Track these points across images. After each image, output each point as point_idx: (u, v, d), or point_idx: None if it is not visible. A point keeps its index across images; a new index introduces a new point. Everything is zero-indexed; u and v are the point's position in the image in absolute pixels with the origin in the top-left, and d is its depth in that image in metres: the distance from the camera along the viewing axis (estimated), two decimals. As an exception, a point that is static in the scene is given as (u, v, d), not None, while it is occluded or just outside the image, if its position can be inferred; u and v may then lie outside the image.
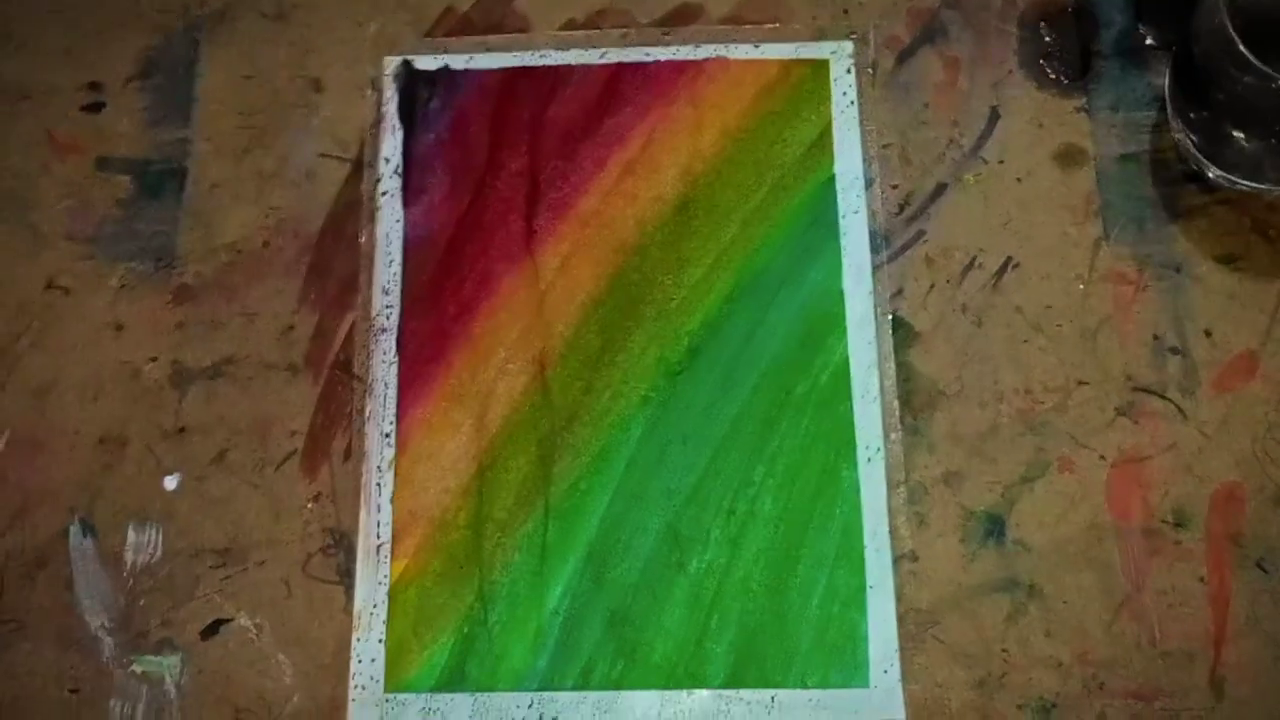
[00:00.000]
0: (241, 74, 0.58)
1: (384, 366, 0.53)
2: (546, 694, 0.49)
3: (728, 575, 0.50)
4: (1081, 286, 0.53)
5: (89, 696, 0.49)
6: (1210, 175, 0.53)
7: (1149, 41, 0.56)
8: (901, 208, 0.55)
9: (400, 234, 0.55)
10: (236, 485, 0.52)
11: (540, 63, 0.57)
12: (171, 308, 0.54)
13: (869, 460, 0.51)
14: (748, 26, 0.58)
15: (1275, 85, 0.46)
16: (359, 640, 0.50)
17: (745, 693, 0.49)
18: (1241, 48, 0.46)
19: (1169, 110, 0.54)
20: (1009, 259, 0.54)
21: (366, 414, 0.52)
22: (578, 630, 0.49)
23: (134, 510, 0.52)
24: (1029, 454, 0.51)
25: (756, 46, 0.57)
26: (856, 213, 0.54)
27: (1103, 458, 0.51)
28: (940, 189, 0.55)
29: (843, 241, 0.54)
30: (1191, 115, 0.52)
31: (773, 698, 0.49)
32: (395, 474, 0.52)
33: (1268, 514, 0.50)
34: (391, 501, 0.51)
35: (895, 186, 0.55)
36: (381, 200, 0.56)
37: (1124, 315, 0.53)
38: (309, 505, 0.52)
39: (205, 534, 0.51)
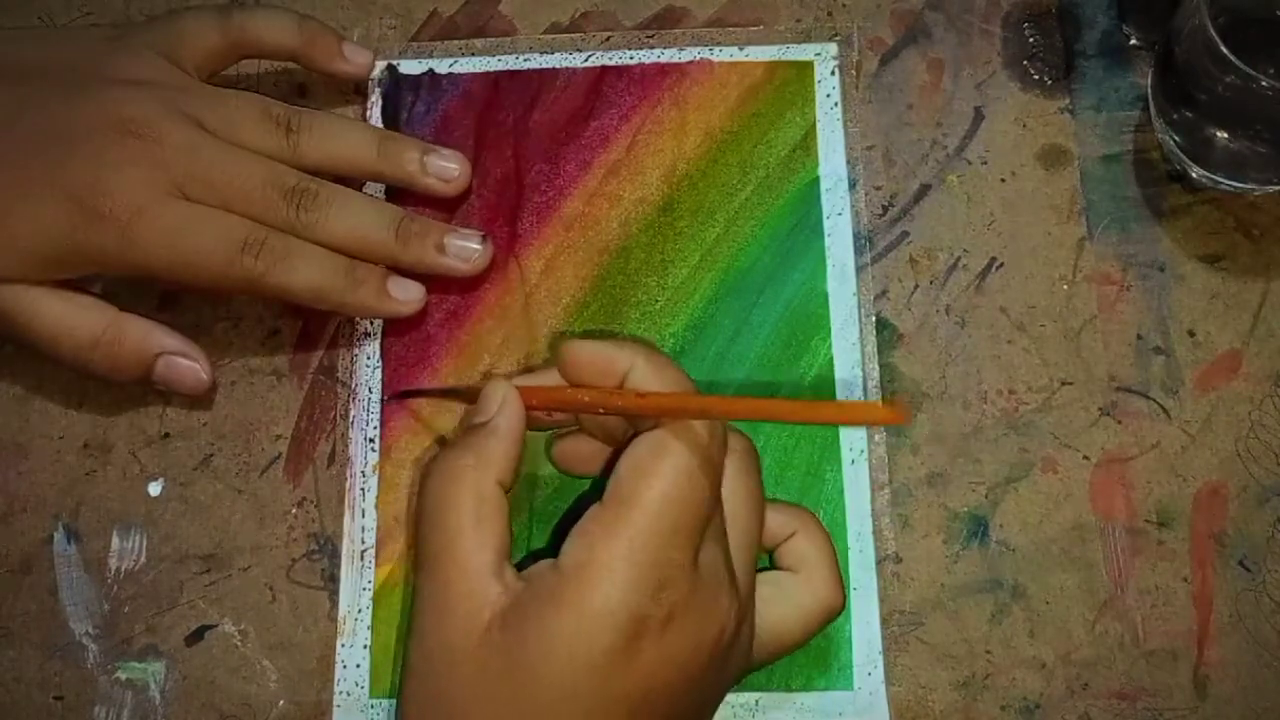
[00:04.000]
0: (226, 79, 0.58)
1: (368, 371, 0.53)
2: (531, 698, 0.49)
3: (712, 578, 0.50)
4: (1065, 287, 0.53)
5: (73, 704, 0.49)
6: (1193, 175, 0.53)
7: (1132, 42, 0.57)
8: (885, 209, 0.55)
9: (384, 238, 0.55)
10: (221, 491, 0.52)
11: (524, 66, 0.57)
12: (155, 313, 0.54)
13: (853, 462, 0.51)
14: (732, 29, 0.58)
15: (1257, 85, 0.46)
16: (344, 646, 0.50)
17: (729, 696, 0.48)
18: (1223, 48, 0.46)
19: (1152, 110, 0.54)
20: (993, 260, 0.54)
21: (350, 419, 0.52)
22: (562, 634, 0.49)
23: (118, 516, 0.52)
24: (1012, 454, 0.51)
25: (741, 49, 0.57)
26: (840, 214, 0.54)
27: (1086, 458, 0.51)
28: (924, 190, 0.55)
29: (827, 243, 0.54)
30: (1174, 115, 0.52)
31: (757, 701, 0.49)
32: (379, 479, 0.52)
33: (1251, 513, 0.50)
34: (376, 506, 0.51)
35: (879, 188, 0.55)
36: (365, 204, 0.55)
37: (1107, 315, 0.53)
38: (293, 510, 0.51)
39: (189, 540, 0.51)
